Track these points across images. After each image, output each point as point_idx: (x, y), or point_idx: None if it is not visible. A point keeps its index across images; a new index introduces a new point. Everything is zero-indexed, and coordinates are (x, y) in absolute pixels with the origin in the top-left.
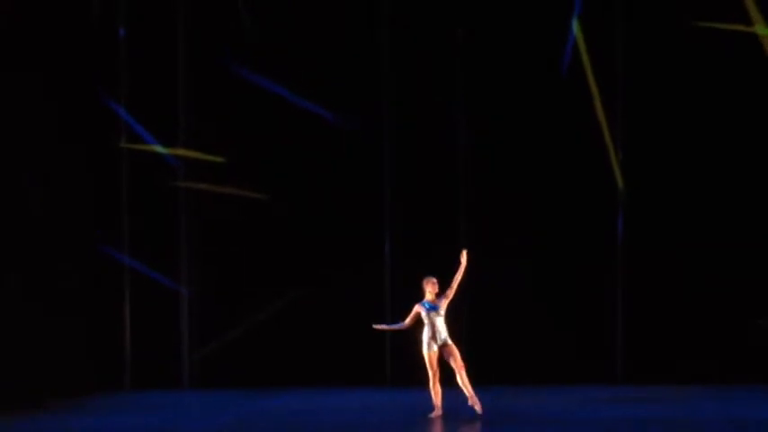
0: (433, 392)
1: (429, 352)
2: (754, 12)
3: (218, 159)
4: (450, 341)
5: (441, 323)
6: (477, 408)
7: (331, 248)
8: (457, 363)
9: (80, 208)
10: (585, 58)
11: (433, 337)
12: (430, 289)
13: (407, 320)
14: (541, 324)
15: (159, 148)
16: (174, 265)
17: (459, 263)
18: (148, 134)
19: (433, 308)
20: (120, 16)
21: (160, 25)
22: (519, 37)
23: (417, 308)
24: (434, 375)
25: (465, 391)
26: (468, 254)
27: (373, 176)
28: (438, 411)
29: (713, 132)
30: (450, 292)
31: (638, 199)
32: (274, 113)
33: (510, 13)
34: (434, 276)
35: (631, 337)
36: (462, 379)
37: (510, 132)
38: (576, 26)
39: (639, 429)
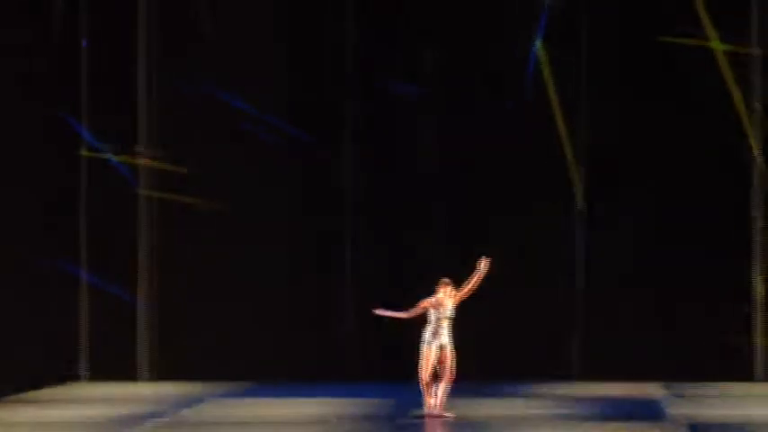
0: (423, 387)
1: (429, 345)
2: (709, 28)
3: (181, 169)
4: (450, 347)
5: (446, 326)
6: (434, 413)
7: (292, 258)
8: (446, 371)
9: (35, 213)
10: (549, 78)
11: (435, 334)
12: (444, 290)
13: (411, 312)
14: (503, 322)
15: (116, 157)
16: (132, 272)
17: (476, 269)
18: (108, 143)
19: (445, 311)
20: (83, 26)
21: (122, 36)
22: (483, 57)
23: (425, 304)
24: (426, 370)
25: (437, 396)
26: (486, 262)
27: (334, 186)
28: (431, 410)
29: (674, 147)
30: (462, 296)
31: (598, 215)
32: (234, 124)
33: (474, 34)
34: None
35: (588, 335)
36: (443, 387)
37: (474, 150)
38: (539, 46)
39: (595, 427)
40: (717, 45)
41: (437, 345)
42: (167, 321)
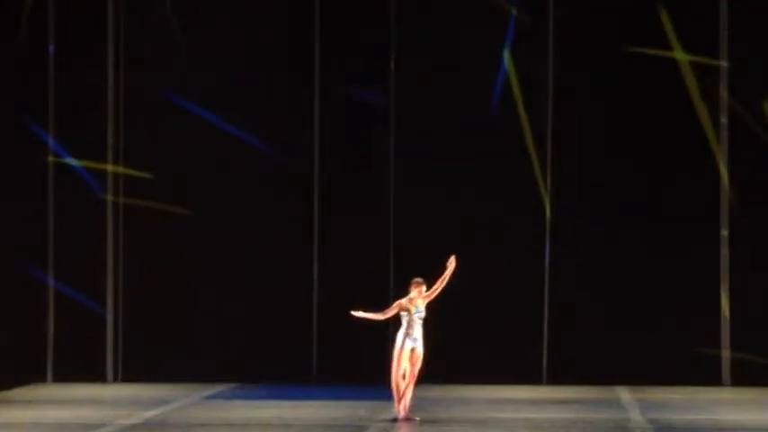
0: (394, 389)
1: (401, 347)
2: (672, 38)
3: (146, 175)
4: (420, 350)
5: (419, 326)
6: (400, 416)
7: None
8: (412, 373)
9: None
10: (516, 88)
11: (408, 335)
12: (417, 290)
13: (386, 313)
14: (469, 325)
15: (80, 162)
16: (100, 277)
17: (446, 267)
18: (75, 150)
19: (416, 311)
20: (50, 33)
21: (90, 42)
22: (451, 68)
23: (400, 303)
24: (397, 371)
25: (404, 397)
26: (454, 261)
27: (301, 190)
28: (401, 413)
29: (640, 156)
30: (432, 294)
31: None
32: (201, 132)
33: (442, 44)
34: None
35: (554, 339)
36: (408, 387)
37: (441, 161)
38: (507, 57)
39: (562, 430)
40: (681, 56)
41: (409, 347)
42: (134, 324)
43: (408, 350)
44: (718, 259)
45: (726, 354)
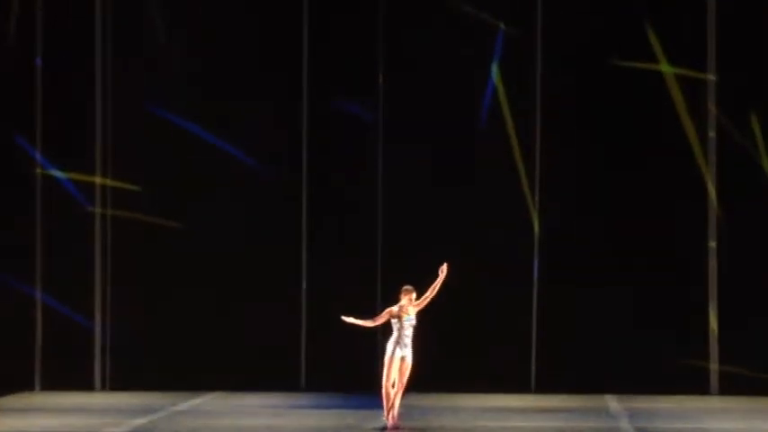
0: (384, 397)
1: (392, 354)
2: (660, 52)
3: (134, 188)
4: (410, 359)
5: (409, 334)
6: (389, 424)
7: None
8: (401, 381)
9: None
10: (504, 102)
11: (399, 343)
12: (407, 298)
13: (376, 320)
14: (459, 334)
15: (68, 174)
16: (87, 287)
17: (437, 275)
18: (63, 162)
19: (410, 318)
20: (38, 45)
21: (77, 54)
22: (438, 82)
23: (390, 311)
24: (388, 379)
25: (393, 406)
26: (448, 268)
27: (290, 208)
28: (389, 421)
29: (628, 169)
30: (423, 302)
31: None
32: (188, 144)
33: (430, 58)
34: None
35: (543, 348)
36: (397, 395)
37: (428, 176)
38: (495, 71)
39: None
40: (667, 69)
41: (399, 355)
42: (121, 334)
43: (398, 359)
44: (707, 270)
45: (714, 366)
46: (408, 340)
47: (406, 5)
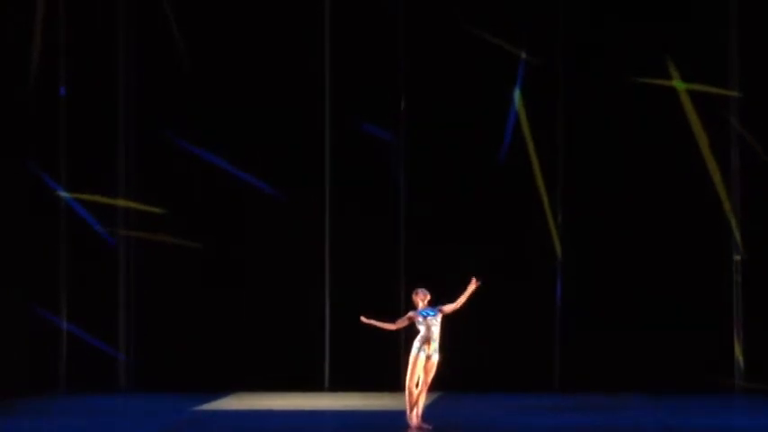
0: (407, 396)
1: (417, 353)
2: (678, 72)
3: (157, 210)
4: (436, 357)
5: (436, 331)
6: (413, 424)
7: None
8: (425, 381)
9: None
10: (527, 128)
11: (427, 342)
12: (421, 298)
13: (397, 323)
14: (482, 333)
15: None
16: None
17: (466, 287)
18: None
19: (429, 313)
20: (61, 74)
21: (101, 83)
22: (461, 108)
23: (411, 314)
24: (411, 378)
25: (417, 405)
26: (476, 281)
27: (312, 230)
28: (413, 420)
29: (652, 185)
30: (448, 309)
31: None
32: (210, 172)
33: (452, 84)
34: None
35: (568, 346)
36: (421, 395)
37: (450, 202)
38: (517, 97)
39: None
40: (681, 86)
41: (424, 355)
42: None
43: (423, 358)
44: (731, 284)
45: (739, 363)
46: (435, 339)
47: (427, 30)
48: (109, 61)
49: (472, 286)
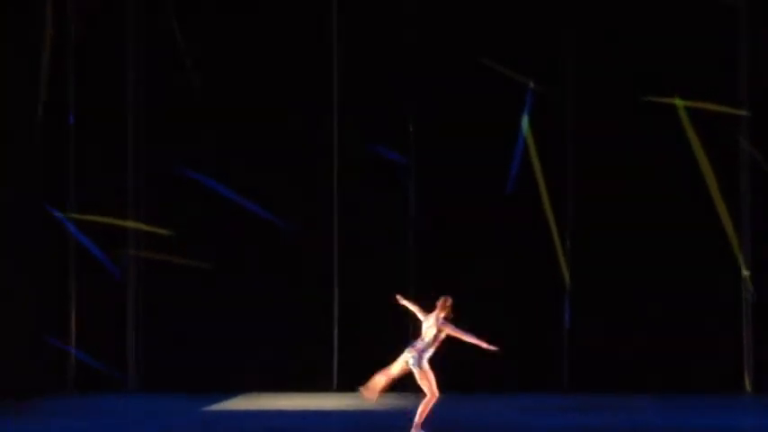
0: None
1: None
2: (684, 93)
3: (165, 232)
4: (413, 364)
5: (423, 339)
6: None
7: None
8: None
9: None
10: (535, 156)
11: (410, 345)
12: (439, 305)
13: (421, 312)
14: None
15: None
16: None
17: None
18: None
19: (430, 320)
20: (70, 103)
21: (110, 110)
22: (469, 132)
23: (441, 322)
24: (386, 370)
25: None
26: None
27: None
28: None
29: (661, 204)
30: (450, 332)
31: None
32: (218, 201)
33: (460, 110)
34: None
35: (576, 347)
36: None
37: (460, 222)
38: (525, 124)
39: None
40: (681, 103)
41: (404, 358)
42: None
43: (402, 361)
44: (740, 299)
45: (748, 363)
46: (420, 344)
47: (435, 56)
48: (118, 89)
49: (487, 346)
